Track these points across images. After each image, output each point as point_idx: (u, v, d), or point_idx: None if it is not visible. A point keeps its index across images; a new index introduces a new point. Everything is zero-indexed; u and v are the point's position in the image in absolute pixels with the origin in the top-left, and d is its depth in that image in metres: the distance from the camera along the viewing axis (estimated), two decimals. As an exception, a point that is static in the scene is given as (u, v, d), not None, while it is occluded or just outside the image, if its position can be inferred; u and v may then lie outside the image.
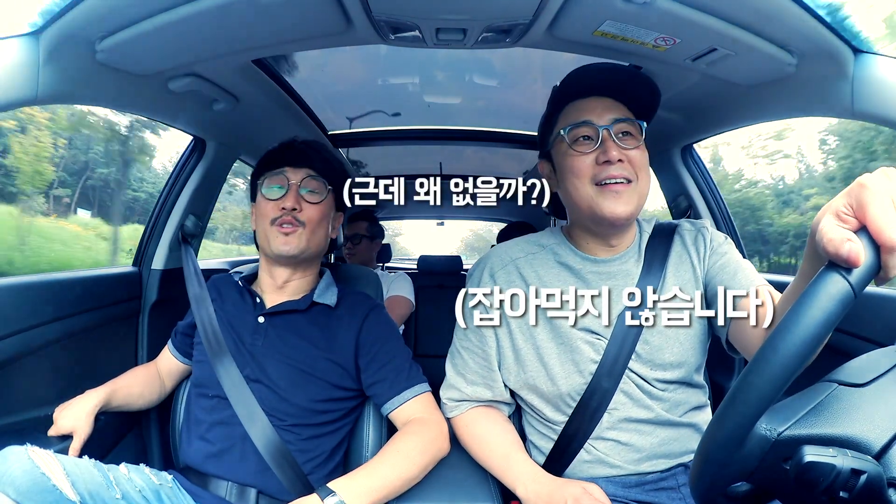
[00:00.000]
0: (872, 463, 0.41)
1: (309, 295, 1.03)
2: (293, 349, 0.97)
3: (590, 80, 0.86)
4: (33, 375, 1.04)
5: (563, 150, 0.85)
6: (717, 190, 1.50)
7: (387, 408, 0.97)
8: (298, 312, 1.01)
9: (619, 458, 0.86)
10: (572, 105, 0.86)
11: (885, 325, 0.96)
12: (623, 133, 0.83)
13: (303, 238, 0.99)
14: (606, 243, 0.89)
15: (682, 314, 0.85)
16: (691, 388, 0.89)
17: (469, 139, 2.06)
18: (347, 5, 0.81)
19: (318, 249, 1.03)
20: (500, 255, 0.93)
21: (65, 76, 0.84)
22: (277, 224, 0.99)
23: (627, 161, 0.82)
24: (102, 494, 0.75)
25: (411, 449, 0.88)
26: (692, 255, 0.88)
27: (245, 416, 0.92)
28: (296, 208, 0.99)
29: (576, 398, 0.86)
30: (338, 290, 1.07)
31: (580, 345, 0.85)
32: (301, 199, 0.99)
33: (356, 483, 0.81)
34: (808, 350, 0.40)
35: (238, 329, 1.01)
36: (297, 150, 1.03)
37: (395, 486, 0.84)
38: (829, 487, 0.40)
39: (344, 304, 1.05)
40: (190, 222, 1.42)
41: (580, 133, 0.83)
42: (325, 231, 1.04)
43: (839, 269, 0.40)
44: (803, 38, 0.81)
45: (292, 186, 1.00)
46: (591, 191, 0.82)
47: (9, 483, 0.67)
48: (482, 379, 0.91)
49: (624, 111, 0.84)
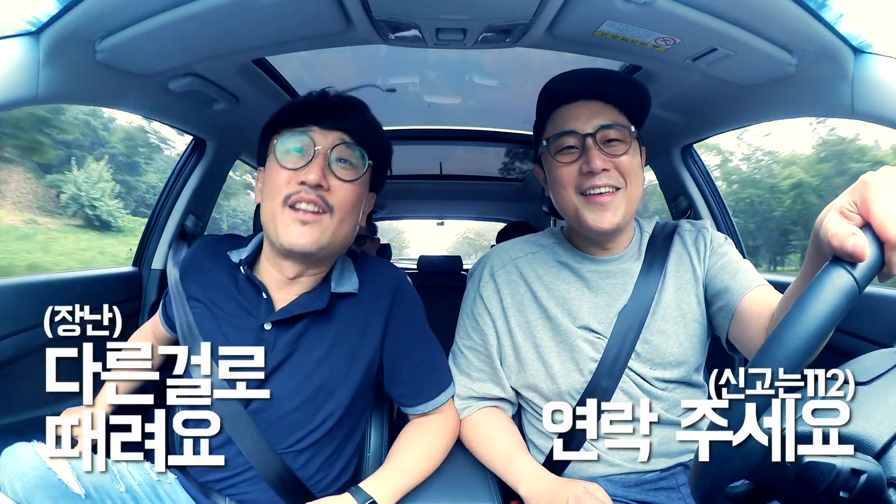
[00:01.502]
0: (872, 463, 0.41)
1: (326, 285, 0.81)
2: (307, 367, 0.79)
3: (575, 84, 0.83)
4: (33, 375, 1.04)
5: (548, 160, 0.85)
6: (717, 190, 1.50)
7: (414, 410, 0.88)
8: (318, 314, 0.80)
9: (618, 456, 0.86)
10: (559, 111, 0.84)
11: (885, 325, 0.96)
12: (610, 140, 0.81)
13: (328, 229, 0.75)
14: (602, 246, 0.89)
15: (681, 314, 0.87)
16: (691, 388, 0.90)
17: (469, 139, 2.06)
18: (347, 5, 0.81)
19: (344, 243, 0.80)
20: (501, 255, 0.93)
21: (65, 76, 0.84)
22: (291, 205, 0.73)
23: (614, 168, 0.80)
24: (107, 487, 0.76)
25: (434, 449, 0.85)
26: (692, 256, 0.88)
27: (248, 449, 0.78)
28: (322, 185, 0.73)
29: (576, 397, 0.86)
30: (355, 269, 0.86)
31: (580, 343, 0.85)
32: (330, 174, 0.75)
33: (388, 484, 0.78)
34: (813, 344, 0.40)
35: (232, 340, 0.79)
36: (331, 105, 0.78)
37: (417, 481, 0.82)
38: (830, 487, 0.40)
39: (367, 285, 0.84)
40: (190, 222, 1.42)
41: (564, 143, 0.82)
42: (356, 219, 0.80)
43: (843, 265, 0.40)
44: (803, 38, 0.81)
45: (319, 153, 0.74)
46: (576, 201, 0.81)
47: (17, 478, 0.69)
48: (488, 376, 0.91)
49: (613, 115, 0.82)
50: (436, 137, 2.04)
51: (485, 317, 0.90)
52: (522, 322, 0.88)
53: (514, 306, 0.89)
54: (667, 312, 0.85)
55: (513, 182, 2.67)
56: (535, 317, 0.88)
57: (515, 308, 0.89)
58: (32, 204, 14.56)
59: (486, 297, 0.90)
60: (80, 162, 15.22)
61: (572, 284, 0.88)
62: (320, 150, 0.74)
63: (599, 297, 0.87)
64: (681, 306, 0.86)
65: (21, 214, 14.00)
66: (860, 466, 0.40)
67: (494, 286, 0.90)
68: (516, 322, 0.88)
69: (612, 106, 0.82)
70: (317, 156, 0.74)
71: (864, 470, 0.40)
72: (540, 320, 0.87)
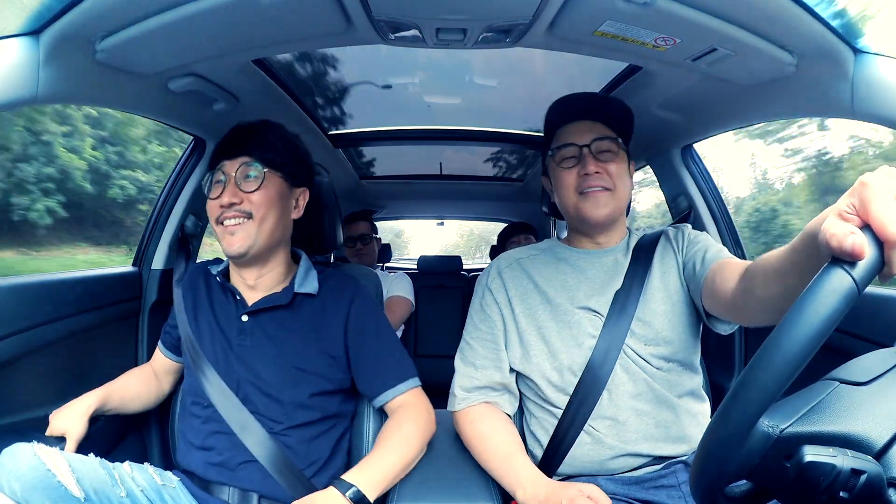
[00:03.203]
0: (872, 463, 0.41)
1: (290, 287, 0.99)
2: (282, 347, 0.95)
3: (571, 107, 1.02)
4: (33, 375, 1.04)
5: (554, 168, 1.01)
6: (717, 190, 1.50)
7: (379, 400, 0.98)
8: (282, 308, 0.98)
9: (616, 438, 0.89)
10: (561, 129, 1.01)
11: (885, 326, 0.96)
12: (602, 151, 0.97)
13: (251, 230, 0.93)
14: (595, 241, 1.03)
15: (668, 295, 0.95)
16: (686, 371, 0.95)
17: (469, 139, 2.06)
18: (347, 5, 0.81)
19: (274, 237, 0.97)
20: (506, 257, 1.07)
21: (65, 76, 0.84)
22: (220, 222, 0.94)
23: (605, 173, 0.95)
24: (107, 492, 0.76)
25: (411, 434, 0.92)
26: (674, 248, 1.00)
27: (238, 427, 0.91)
28: (234, 202, 0.92)
29: (577, 373, 0.91)
30: (317, 274, 1.03)
31: (579, 320, 0.94)
32: (239, 191, 0.93)
33: (368, 474, 0.85)
34: (812, 345, 0.39)
35: (225, 330, 0.98)
36: (232, 139, 0.97)
37: (400, 469, 0.89)
38: (829, 487, 0.40)
39: (326, 288, 1.02)
40: (190, 222, 1.42)
41: (566, 154, 0.99)
42: (277, 215, 0.96)
43: (843, 265, 0.40)
44: (803, 38, 0.81)
45: (230, 179, 0.94)
46: (576, 199, 0.97)
47: (16, 479, 0.68)
48: (491, 362, 0.98)
49: (604, 130, 0.98)
50: (436, 137, 2.04)
51: (493, 306, 1.01)
52: (525, 309, 0.98)
53: (518, 296, 0.99)
54: (656, 294, 0.95)
55: (513, 182, 2.67)
56: (537, 303, 0.98)
57: (519, 298, 0.99)
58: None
59: (494, 289, 1.02)
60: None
61: (570, 273, 1.00)
62: (231, 175, 0.94)
63: (595, 281, 0.98)
64: (667, 288, 0.96)
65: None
66: (860, 466, 0.40)
67: (501, 282, 1.02)
68: (520, 309, 0.98)
69: (603, 124, 0.99)
70: (228, 182, 0.94)
71: (864, 470, 0.40)
72: (542, 305, 0.97)
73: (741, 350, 1.38)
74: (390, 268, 3.30)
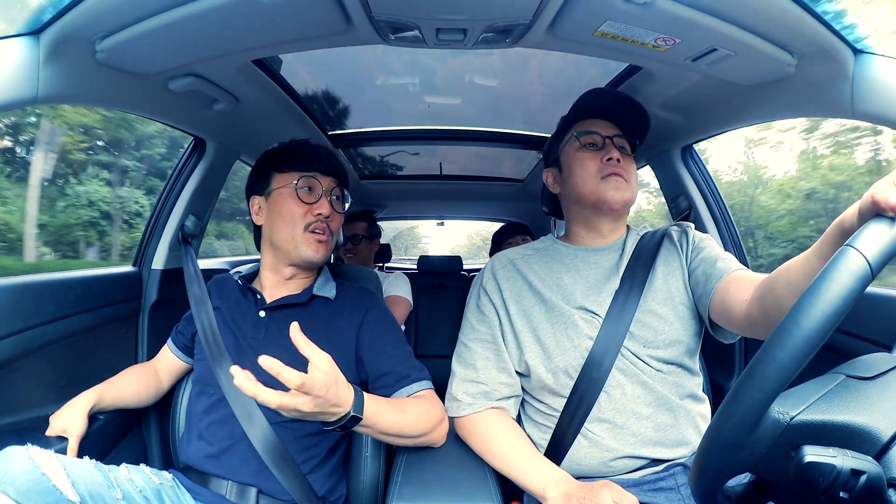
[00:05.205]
0: (872, 463, 0.41)
1: (309, 289, 1.05)
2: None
3: (597, 102, 1.03)
4: (33, 375, 1.04)
5: (573, 151, 1.01)
6: (717, 190, 1.50)
7: (396, 395, 0.95)
8: (299, 306, 1.02)
9: (614, 441, 0.88)
10: (581, 122, 1.03)
11: (885, 326, 0.96)
12: (620, 147, 0.99)
13: (329, 246, 1.03)
14: (600, 234, 1.02)
15: (670, 297, 0.94)
16: (686, 373, 0.93)
17: (469, 139, 2.05)
18: (347, 5, 0.81)
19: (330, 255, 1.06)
20: (501, 258, 1.06)
21: (65, 76, 0.84)
22: (311, 230, 1.00)
23: (624, 165, 0.97)
24: (103, 495, 0.75)
25: (412, 410, 0.89)
26: (679, 250, 0.99)
27: (244, 416, 0.92)
28: (329, 216, 1.01)
29: (573, 375, 0.90)
30: (336, 284, 1.08)
31: (575, 321, 0.93)
32: (330, 207, 1.02)
33: (370, 402, 0.81)
34: (829, 325, 0.40)
35: (240, 324, 1.02)
36: (324, 158, 1.04)
37: (387, 423, 0.84)
38: (829, 488, 0.40)
39: (343, 296, 1.06)
40: (190, 222, 1.42)
41: (590, 140, 1.00)
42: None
43: (857, 248, 0.41)
44: (803, 38, 0.81)
45: (324, 193, 1.02)
46: (596, 181, 0.97)
47: (9, 483, 0.66)
48: (493, 363, 0.97)
49: (619, 132, 1.01)
50: (436, 138, 2.04)
51: (488, 306, 1.00)
52: (520, 310, 0.97)
53: (512, 297, 0.99)
54: (657, 295, 0.94)
55: (512, 182, 2.67)
56: (532, 304, 0.97)
57: (514, 299, 0.98)
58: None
59: (489, 290, 1.01)
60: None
61: (565, 272, 0.99)
62: (325, 190, 1.02)
63: (591, 280, 0.97)
64: (670, 290, 0.95)
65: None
66: (860, 467, 0.40)
67: (495, 283, 1.01)
68: (515, 311, 0.97)
69: (618, 126, 1.02)
70: (323, 194, 1.02)
71: (864, 470, 0.40)
72: (536, 306, 0.96)
73: (741, 350, 1.39)
74: (390, 268, 3.30)
